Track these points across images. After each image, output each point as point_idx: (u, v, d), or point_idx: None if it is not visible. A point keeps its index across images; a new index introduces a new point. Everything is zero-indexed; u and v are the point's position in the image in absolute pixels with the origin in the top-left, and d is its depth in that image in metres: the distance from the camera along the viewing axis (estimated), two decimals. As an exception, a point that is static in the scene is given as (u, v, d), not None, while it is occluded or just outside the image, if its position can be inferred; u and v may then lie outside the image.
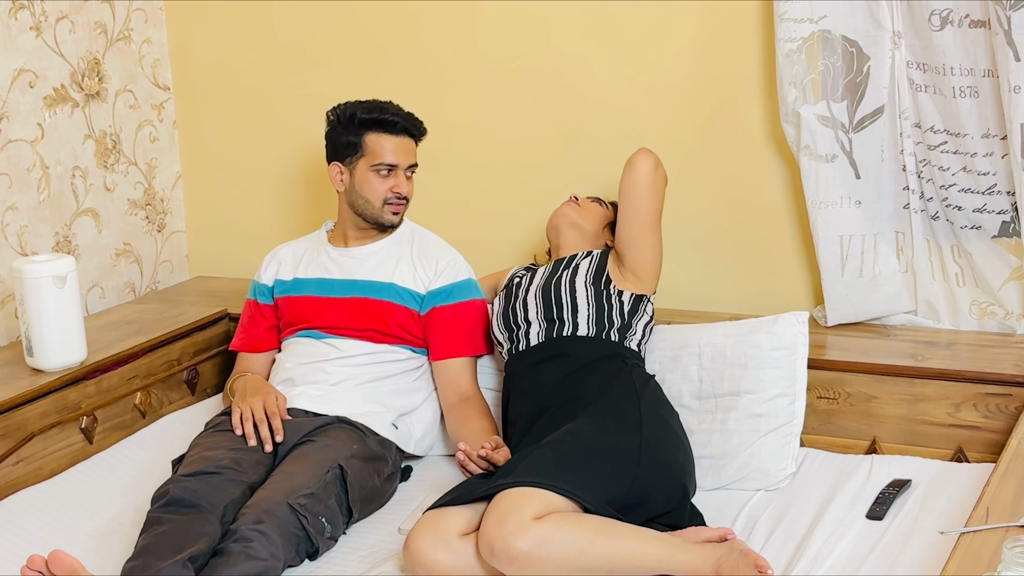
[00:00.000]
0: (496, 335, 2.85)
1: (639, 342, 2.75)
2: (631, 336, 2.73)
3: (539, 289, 2.78)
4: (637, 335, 2.74)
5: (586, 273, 2.77)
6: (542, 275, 2.83)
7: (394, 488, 2.73)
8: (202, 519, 2.32)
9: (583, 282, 2.75)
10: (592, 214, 2.94)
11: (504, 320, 2.81)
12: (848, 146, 2.95)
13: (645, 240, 2.77)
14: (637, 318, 2.74)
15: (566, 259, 2.84)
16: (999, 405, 2.69)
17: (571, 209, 2.94)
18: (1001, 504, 2.10)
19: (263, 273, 3.06)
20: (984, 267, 2.92)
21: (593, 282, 2.75)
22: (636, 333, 2.74)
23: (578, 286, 2.74)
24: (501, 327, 2.82)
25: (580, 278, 2.76)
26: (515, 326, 2.78)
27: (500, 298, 2.88)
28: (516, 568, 2.18)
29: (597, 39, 3.19)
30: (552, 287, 2.76)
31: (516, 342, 2.77)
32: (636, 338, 2.74)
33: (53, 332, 2.83)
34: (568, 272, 2.79)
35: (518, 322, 2.77)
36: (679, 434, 2.58)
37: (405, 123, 2.91)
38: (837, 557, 2.30)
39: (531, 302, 2.77)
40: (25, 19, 3.15)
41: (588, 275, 2.76)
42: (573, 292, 2.73)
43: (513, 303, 2.81)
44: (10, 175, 3.14)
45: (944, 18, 2.76)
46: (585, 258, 2.82)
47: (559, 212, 2.95)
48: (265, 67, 3.57)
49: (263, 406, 2.68)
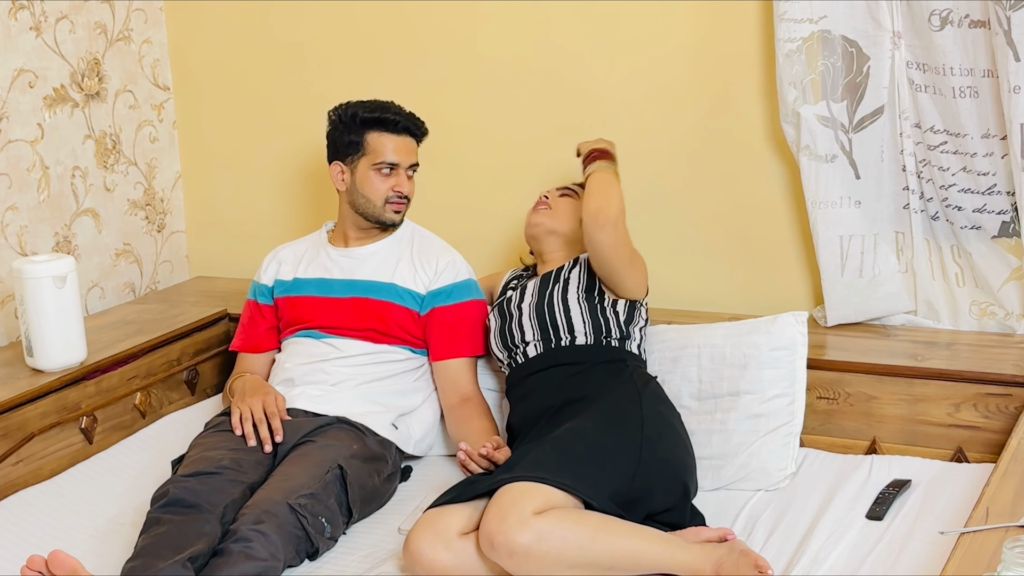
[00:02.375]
0: (495, 353, 2.85)
1: (639, 344, 2.75)
2: (630, 342, 2.73)
3: (532, 309, 2.75)
4: (636, 339, 2.74)
5: (577, 287, 2.74)
6: (533, 292, 2.79)
7: (394, 488, 2.73)
8: (202, 519, 2.32)
9: (575, 297, 2.72)
10: (565, 213, 2.87)
11: (501, 340, 2.81)
12: (848, 146, 2.95)
13: (624, 276, 2.71)
14: (634, 324, 2.74)
15: (554, 272, 2.81)
16: (999, 405, 2.69)
17: (543, 216, 2.87)
18: (1001, 504, 2.10)
19: (263, 273, 3.06)
20: (984, 267, 2.92)
21: (586, 296, 2.73)
22: (635, 338, 2.74)
23: (571, 302, 2.72)
24: (499, 346, 2.82)
25: (572, 293, 2.73)
26: (513, 346, 2.78)
27: (495, 316, 2.85)
28: (516, 562, 2.19)
29: (597, 39, 3.19)
30: (545, 307, 2.73)
31: (515, 358, 2.77)
32: (635, 342, 2.74)
33: (53, 332, 2.83)
34: (559, 287, 2.76)
35: (515, 342, 2.77)
36: (680, 432, 2.58)
37: (407, 122, 2.91)
38: (837, 557, 2.30)
39: (526, 324, 2.75)
40: (25, 19, 3.15)
41: (579, 288, 2.74)
42: (567, 309, 2.71)
43: (508, 323, 2.79)
44: (10, 175, 3.14)
45: (944, 18, 2.76)
46: (573, 268, 2.79)
47: (532, 222, 2.89)
48: (265, 67, 3.57)
49: (262, 406, 2.68)
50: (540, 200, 2.91)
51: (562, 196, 2.90)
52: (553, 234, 2.86)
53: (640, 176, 3.22)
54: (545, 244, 2.88)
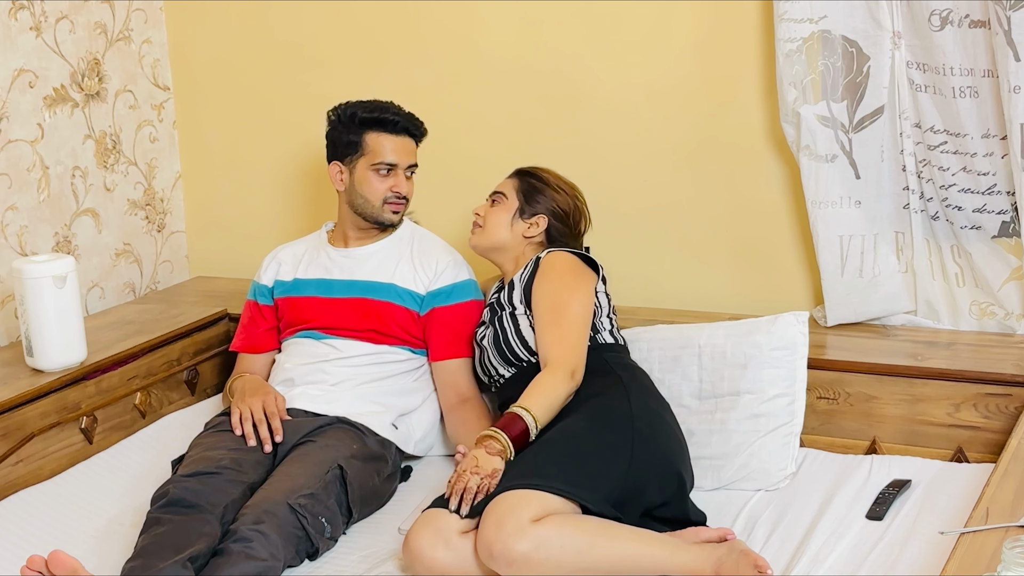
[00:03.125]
0: (479, 376, 2.86)
1: (610, 330, 2.73)
2: (600, 335, 2.71)
3: (492, 348, 2.73)
4: (605, 327, 2.72)
5: (526, 314, 2.70)
6: (489, 326, 2.77)
7: (394, 488, 2.73)
8: (202, 519, 2.32)
9: (527, 323, 2.69)
10: (495, 224, 2.82)
11: (481, 369, 2.82)
12: (848, 146, 2.95)
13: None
14: (595, 318, 2.71)
15: (497, 298, 2.79)
16: (999, 405, 2.69)
17: (476, 238, 2.85)
18: (1001, 504, 2.10)
19: (263, 274, 3.06)
20: (984, 267, 2.92)
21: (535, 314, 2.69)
22: (603, 327, 2.72)
23: (523, 329, 2.69)
24: (481, 373, 2.83)
25: (522, 320, 2.70)
26: (490, 375, 2.79)
27: (475, 345, 2.84)
28: (515, 570, 2.19)
29: (597, 39, 3.19)
30: (502, 342, 2.71)
31: (496, 381, 2.78)
32: (605, 330, 2.72)
33: (53, 332, 2.83)
34: (507, 313, 2.73)
35: (492, 374, 2.77)
36: (671, 424, 2.58)
37: (406, 123, 2.91)
38: (837, 557, 2.30)
39: (494, 360, 2.74)
40: (25, 19, 3.15)
41: (528, 314, 2.70)
42: (523, 339, 2.68)
43: (481, 358, 2.79)
44: (10, 175, 3.14)
45: (944, 18, 2.76)
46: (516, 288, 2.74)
47: (472, 244, 2.86)
48: (265, 67, 3.57)
49: (262, 406, 2.68)
50: (474, 221, 2.88)
51: (492, 204, 2.87)
52: (493, 251, 2.84)
53: (640, 176, 3.23)
54: (492, 259, 2.87)
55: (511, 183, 2.87)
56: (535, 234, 2.82)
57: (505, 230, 2.82)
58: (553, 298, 2.63)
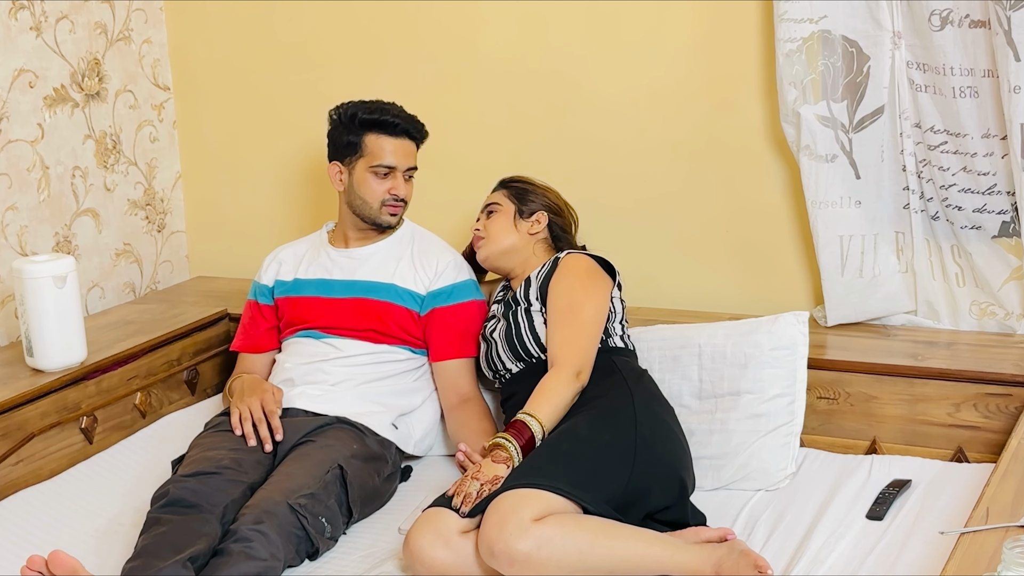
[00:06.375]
0: (484, 372, 2.85)
1: (621, 335, 2.74)
2: (611, 338, 2.71)
3: (503, 341, 2.74)
4: (616, 332, 2.73)
5: (540, 311, 2.71)
6: (501, 320, 2.77)
7: (394, 488, 2.73)
8: (202, 519, 2.32)
9: (541, 320, 2.70)
10: (498, 231, 2.84)
11: (487, 364, 2.82)
12: (848, 146, 2.95)
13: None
14: (608, 322, 2.72)
15: (514, 294, 2.79)
16: (999, 405, 2.69)
17: (486, 248, 2.86)
18: (1001, 504, 2.10)
19: (263, 274, 3.06)
20: (984, 267, 2.92)
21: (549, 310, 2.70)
22: (615, 332, 2.73)
23: (537, 326, 2.70)
24: (486, 368, 2.83)
25: (536, 317, 2.71)
26: (496, 370, 2.78)
27: (482, 340, 2.85)
28: (516, 570, 2.19)
29: (597, 39, 3.19)
30: (515, 338, 2.71)
31: (501, 377, 2.78)
32: (616, 335, 2.73)
33: (53, 332, 2.83)
34: (522, 311, 2.73)
35: (498, 368, 2.77)
36: (675, 429, 2.58)
37: (406, 125, 2.90)
38: (837, 557, 2.30)
39: (503, 354, 2.74)
40: (25, 19, 3.15)
41: (543, 311, 2.71)
42: (536, 335, 2.69)
43: (489, 352, 2.79)
44: (10, 175, 3.14)
45: (944, 18, 2.76)
46: (532, 285, 2.76)
47: (480, 259, 2.88)
48: (265, 67, 3.57)
49: (260, 405, 2.68)
50: (474, 236, 2.90)
51: (488, 215, 2.89)
52: (502, 257, 2.86)
53: (640, 175, 3.23)
54: (504, 266, 2.88)
55: (500, 193, 2.91)
56: (539, 230, 2.86)
57: (510, 233, 2.85)
58: (568, 298, 2.65)
